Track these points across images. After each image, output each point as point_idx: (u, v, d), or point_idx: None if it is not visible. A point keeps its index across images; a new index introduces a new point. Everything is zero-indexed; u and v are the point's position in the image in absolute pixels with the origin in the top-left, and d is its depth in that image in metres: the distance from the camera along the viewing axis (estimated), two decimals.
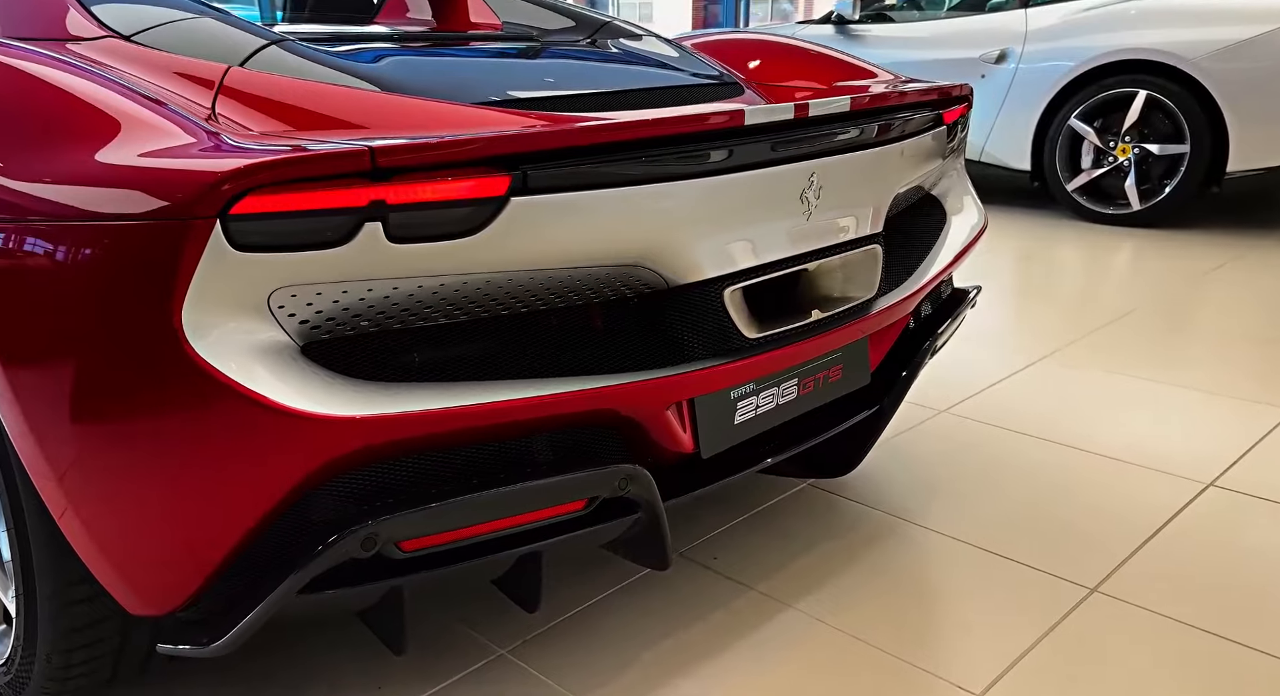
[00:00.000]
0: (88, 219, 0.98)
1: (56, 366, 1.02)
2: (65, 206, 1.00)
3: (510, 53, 1.77)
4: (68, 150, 1.04)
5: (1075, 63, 4.48)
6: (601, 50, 1.88)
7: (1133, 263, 3.97)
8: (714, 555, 1.79)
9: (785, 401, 1.50)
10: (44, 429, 1.05)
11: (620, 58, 1.83)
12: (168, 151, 1.00)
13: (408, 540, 1.11)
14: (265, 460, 1.02)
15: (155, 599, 1.13)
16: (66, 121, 1.08)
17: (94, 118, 1.07)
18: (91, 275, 0.98)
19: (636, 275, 1.26)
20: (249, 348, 0.99)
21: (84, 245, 0.98)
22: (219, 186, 0.92)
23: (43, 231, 1.01)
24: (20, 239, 1.02)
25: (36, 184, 1.03)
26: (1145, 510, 1.95)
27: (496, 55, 1.74)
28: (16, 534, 1.16)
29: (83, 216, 0.98)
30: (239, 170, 0.93)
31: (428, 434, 1.10)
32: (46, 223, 1.01)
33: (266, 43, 1.41)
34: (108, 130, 1.05)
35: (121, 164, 1.00)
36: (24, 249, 1.02)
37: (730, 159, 1.28)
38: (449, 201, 1.05)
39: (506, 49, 1.80)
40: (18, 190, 1.04)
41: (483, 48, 1.81)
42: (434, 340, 1.15)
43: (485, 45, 1.84)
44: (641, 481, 1.27)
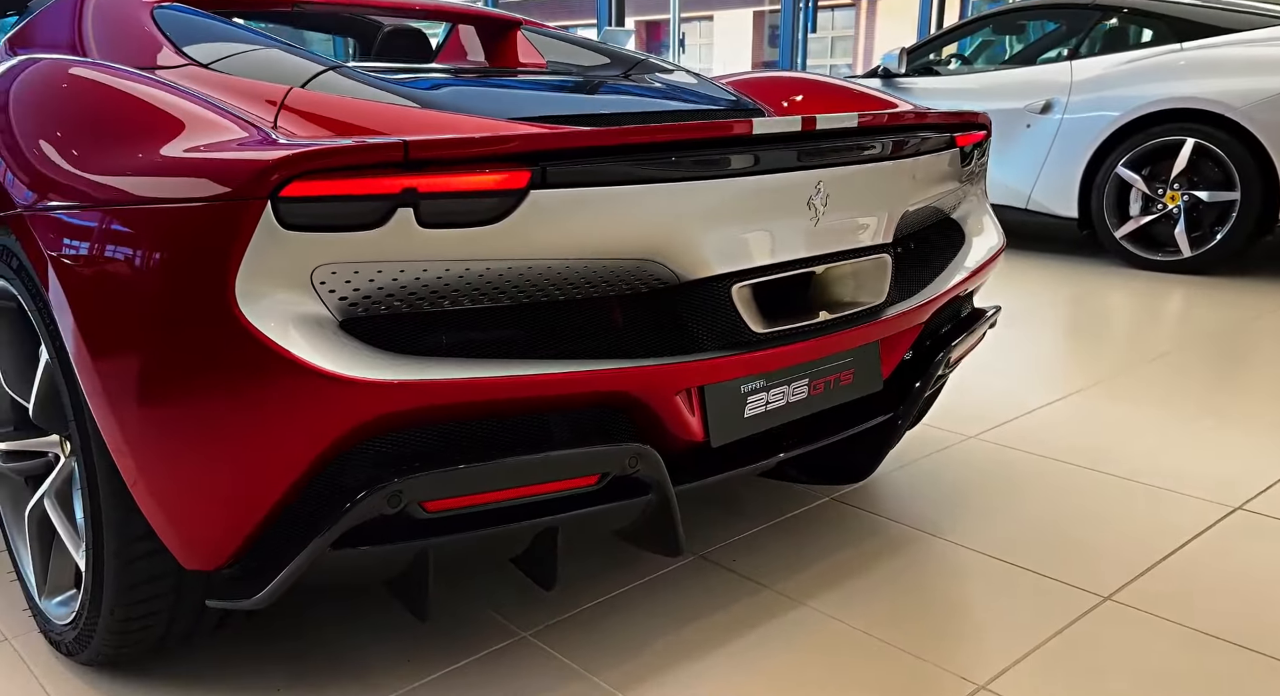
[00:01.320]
0: (158, 203, 1.13)
1: (127, 334, 1.16)
2: (140, 194, 1.15)
3: (546, 83, 1.92)
4: (147, 147, 1.20)
5: (1121, 112, 4.53)
6: (632, 82, 2.03)
7: (1180, 307, 3.94)
8: (734, 558, 1.85)
9: (796, 400, 1.57)
10: (115, 392, 1.18)
11: (648, 87, 1.97)
12: (228, 145, 1.15)
13: (431, 501, 1.21)
14: (302, 421, 1.14)
15: (206, 553, 1.24)
16: (146, 125, 1.24)
17: (169, 121, 1.24)
18: (160, 252, 1.13)
19: (649, 270, 1.36)
20: (293, 317, 1.12)
21: (155, 226, 1.13)
22: (270, 171, 1.06)
23: (122, 215, 1.16)
24: (103, 223, 1.18)
25: (118, 176, 1.18)
26: (1169, 529, 1.95)
27: (533, 85, 1.89)
28: (89, 493, 1.29)
29: (154, 201, 1.13)
30: (288, 158, 1.07)
31: (450, 402, 1.21)
32: (125, 207, 1.16)
33: (325, 68, 1.58)
34: (180, 131, 1.21)
35: (189, 156, 1.15)
36: (105, 232, 1.17)
37: (738, 165, 1.39)
38: (474, 192, 1.17)
39: (543, 80, 1.96)
40: (103, 181, 1.19)
41: (521, 79, 1.97)
42: (460, 322, 1.27)
43: (524, 77, 2.00)
44: (650, 460, 1.35)
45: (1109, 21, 5.06)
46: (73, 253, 1.19)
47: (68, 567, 1.50)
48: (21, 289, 1.33)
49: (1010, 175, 4.88)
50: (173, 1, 1.87)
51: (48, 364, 1.34)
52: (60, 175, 1.23)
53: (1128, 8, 5.01)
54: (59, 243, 1.20)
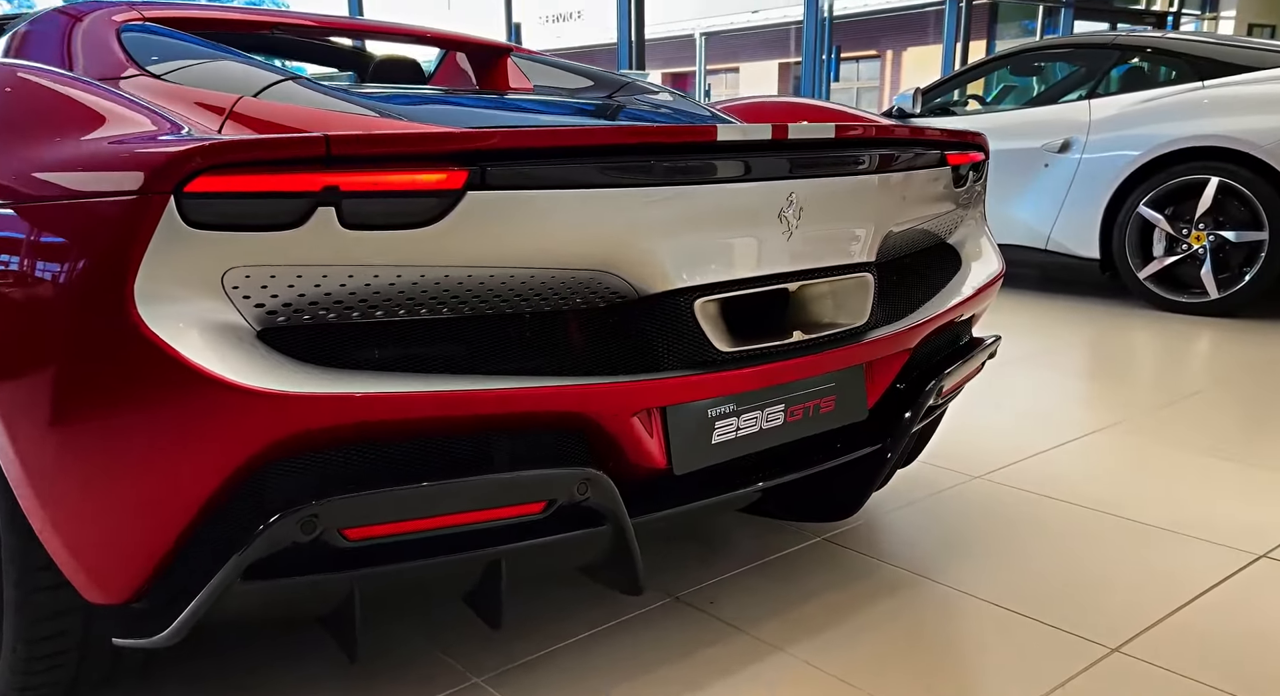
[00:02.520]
0: (57, 199, 1.06)
1: (20, 341, 1.08)
2: (38, 191, 1.08)
3: (518, 102, 1.86)
4: (54, 143, 1.13)
5: (1143, 150, 4.41)
6: (610, 101, 1.96)
7: (1206, 349, 3.78)
8: (711, 599, 1.72)
9: (770, 426, 1.46)
10: (6, 405, 1.10)
11: (624, 107, 1.90)
12: (138, 140, 1.08)
13: (352, 528, 1.11)
14: (209, 438, 1.05)
15: (110, 586, 1.14)
16: (59, 121, 1.18)
17: (87, 119, 1.18)
18: (58, 252, 1.05)
19: (604, 281, 1.27)
20: (201, 324, 1.03)
21: (53, 224, 1.06)
22: (174, 164, 0.99)
23: (19, 213, 1.09)
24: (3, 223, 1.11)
25: (17, 171, 1.12)
26: (1186, 577, 1.80)
27: (503, 103, 1.83)
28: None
29: (53, 197, 1.07)
30: (194, 150, 0.99)
31: (380, 419, 1.11)
32: (22, 204, 1.09)
33: (282, 78, 1.52)
34: (96, 128, 1.15)
35: (92, 151, 1.08)
36: (5, 231, 1.10)
37: (701, 173, 1.30)
38: (404, 191, 1.10)
39: (517, 99, 1.90)
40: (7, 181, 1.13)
41: (495, 99, 1.91)
42: (395, 335, 1.18)
43: (499, 97, 1.94)
44: (602, 488, 1.25)
45: (1128, 60, 4.98)
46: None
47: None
48: None
49: (1028, 215, 4.77)
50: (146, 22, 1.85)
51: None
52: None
53: (1148, 47, 4.93)
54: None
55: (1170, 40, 4.82)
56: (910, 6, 18.39)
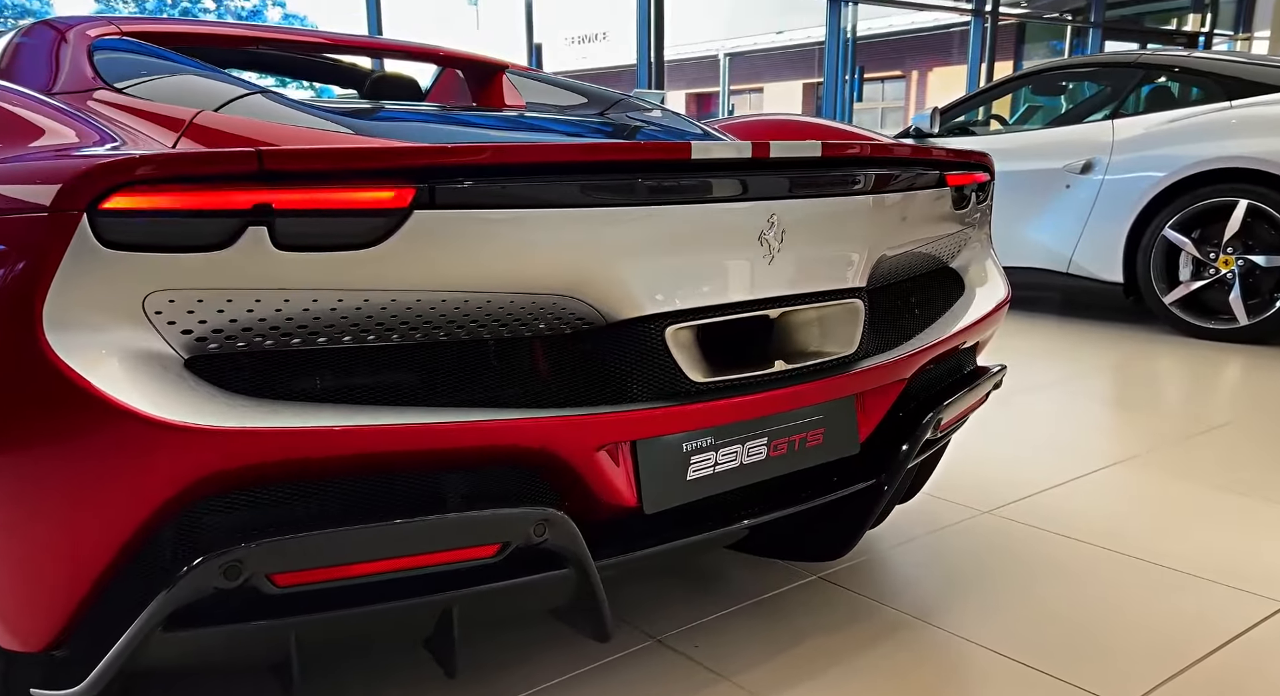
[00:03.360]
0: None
1: None
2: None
3: (503, 120, 1.79)
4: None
5: (1168, 172, 4.28)
6: (599, 119, 1.89)
7: (1235, 377, 3.63)
8: (696, 643, 1.62)
9: (751, 462, 1.37)
10: None
11: (612, 124, 1.83)
12: (60, 154, 1.02)
13: (280, 573, 1.03)
14: (126, 475, 0.98)
15: (24, 633, 1.07)
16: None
17: (21, 133, 1.11)
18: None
19: (567, 307, 1.19)
20: (118, 352, 0.96)
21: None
22: (87, 180, 0.92)
23: None
24: None
25: None
26: (1208, 625, 1.68)
27: (484, 121, 1.76)
28: None
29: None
30: (109, 165, 0.93)
31: (315, 456, 1.04)
32: None
33: (248, 92, 1.46)
34: (22, 142, 1.08)
35: (16, 165, 1.02)
36: None
37: (673, 193, 1.22)
38: (343, 210, 1.02)
39: (502, 118, 1.83)
40: None
41: (479, 115, 1.84)
42: (338, 364, 1.10)
43: (484, 115, 1.88)
44: (562, 529, 1.16)
45: (1153, 80, 4.85)
46: None
47: None
48: None
49: (1049, 237, 4.64)
50: (123, 37, 1.80)
51: None
52: None
53: (1174, 66, 4.81)
54: None
55: (1196, 59, 4.69)
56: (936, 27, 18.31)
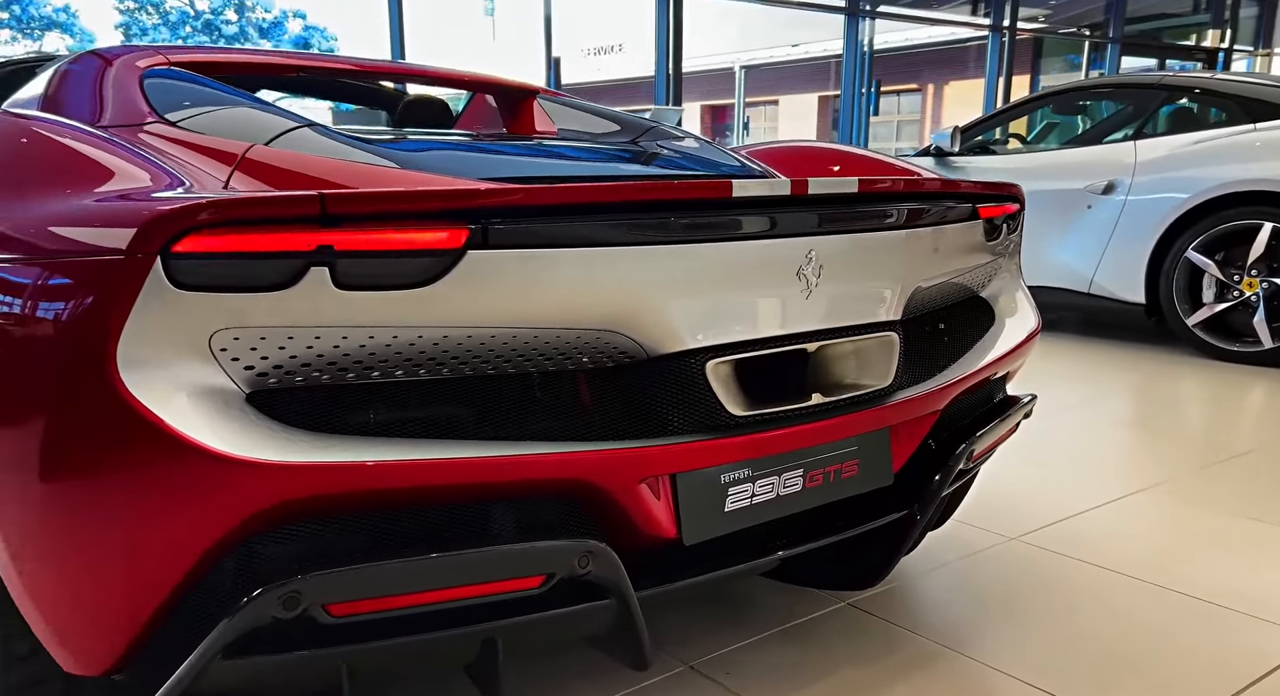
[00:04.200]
0: (44, 258, 1.03)
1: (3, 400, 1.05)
2: (28, 245, 1.06)
3: (540, 149, 1.82)
4: (46, 199, 1.11)
5: (1191, 193, 4.28)
6: (633, 147, 1.92)
7: (1261, 401, 3.62)
8: (727, 671, 1.64)
9: (788, 493, 1.39)
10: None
11: (648, 153, 1.86)
12: (130, 196, 1.05)
13: (336, 604, 1.06)
14: (190, 508, 1.01)
15: (88, 657, 1.10)
16: (56, 175, 1.16)
17: (79, 173, 1.15)
18: (42, 313, 1.02)
19: (611, 341, 1.22)
20: (187, 389, 0.99)
21: (39, 283, 1.03)
22: (161, 223, 0.95)
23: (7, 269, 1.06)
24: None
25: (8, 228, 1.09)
26: (1240, 659, 1.68)
27: (525, 150, 1.80)
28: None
29: (41, 256, 1.04)
30: (183, 209, 0.96)
31: (371, 489, 1.07)
32: (11, 262, 1.06)
33: (297, 125, 1.50)
34: (90, 184, 1.12)
35: (85, 208, 1.05)
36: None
37: (715, 230, 1.25)
38: (402, 251, 1.05)
39: (539, 146, 1.86)
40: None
41: (514, 144, 1.88)
42: (390, 397, 1.13)
43: (519, 143, 1.91)
44: (605, 561, 1.18)
45: (1175, 101, 4.86)
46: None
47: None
48: None
49: (1071, 258, 4.64)
50: (170, 66, 1.85)
51: None
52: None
53: (1196, 87, 4.81)
54: None
55: (1219, 81, 4.70)
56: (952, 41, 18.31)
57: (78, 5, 18.97)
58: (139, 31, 20.10)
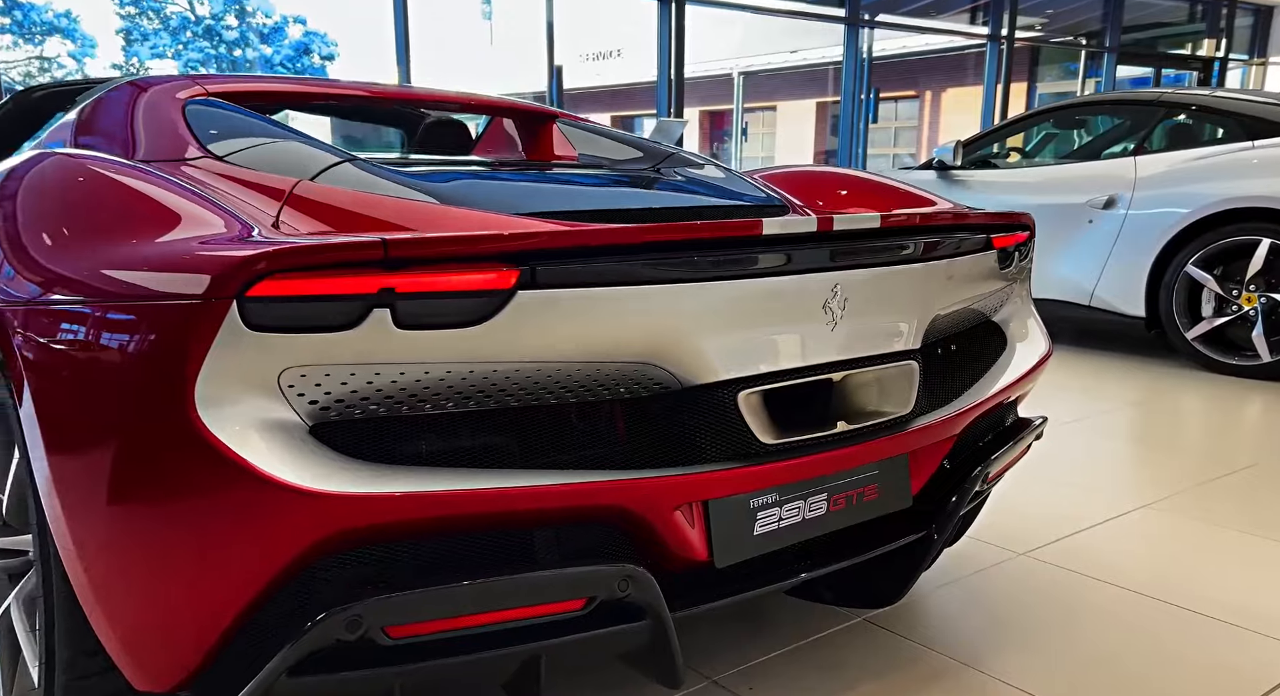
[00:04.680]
0: (125, 300, 1.09)
1: (85, 436, 1.11)
2: (108, 290, 1.11)
3: (569, 177, 1.89)
4: (121, 242, 1.17)
5: (1190, 209, 4.35)
6: (657, 176, 1.98)
7: (1261, 415, 3.69)
8: (750, 685, 1.70)
9: (813, 516, 1.45)
10: (69, 497, 1.13)
11: (672, 182, 1.92)
12: (204, 242, 1.11)
13: (395, 626, 1.12)
14: (260, 535, 1.07)
15: (157, 674, 1.16)
16: (128, 218, 1.22)
17: (153, 215, 1.21)
18: (123, 352, 1.08)
19: (648, 373, 1.28)
20: (257, 424, 1.05)
21: (120, 325, 1.09)
22: (238, 269, 1.01)
23: (89, 312, 1.12)
24: (71, 319, 1.14)
25: (90, 271, 1.15)
26: (1246, 675, 1.74)
27: (554, 179, 1.86)
28: (44, 602, 1.23)
29: (121, 298, 1.09)
30: (258, 256, 1.02)
31: (425, 517, 1.12)
32: (93, 304, 1.12)
33: (339, 160, 1.56)
34: (160, 227, 1.18)
35: (159, 253, 1.11)
36: (71, 328, 1.13)
37: (746, 266, 1.31)
38: (457, 292, 1.11)
39: (567, 174, 1.92)
40: (74, 276, 1.17)
41: (542, 173, 1.94)
42: (441, 428, 1.19)
43: (545, 172, 1.97)
44: (644, 584, 1.24)
45: (1174, 117, 4.94)
46: (39, 346, 1.16)
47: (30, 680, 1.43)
48: (1, 380, 1.30)
49: (1072, 271, 4.72)
50: (208, 96, 1.91)
51: (19, 462, 1.30)
52: (36, 267, 1.21)
53: (1195, 104, 4.89)
54: (28, 336, 1.17)
55: (1218, 99, 4.77)
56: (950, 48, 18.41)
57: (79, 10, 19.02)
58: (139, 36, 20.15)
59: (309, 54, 21.70)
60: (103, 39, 19.73)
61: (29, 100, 2.35)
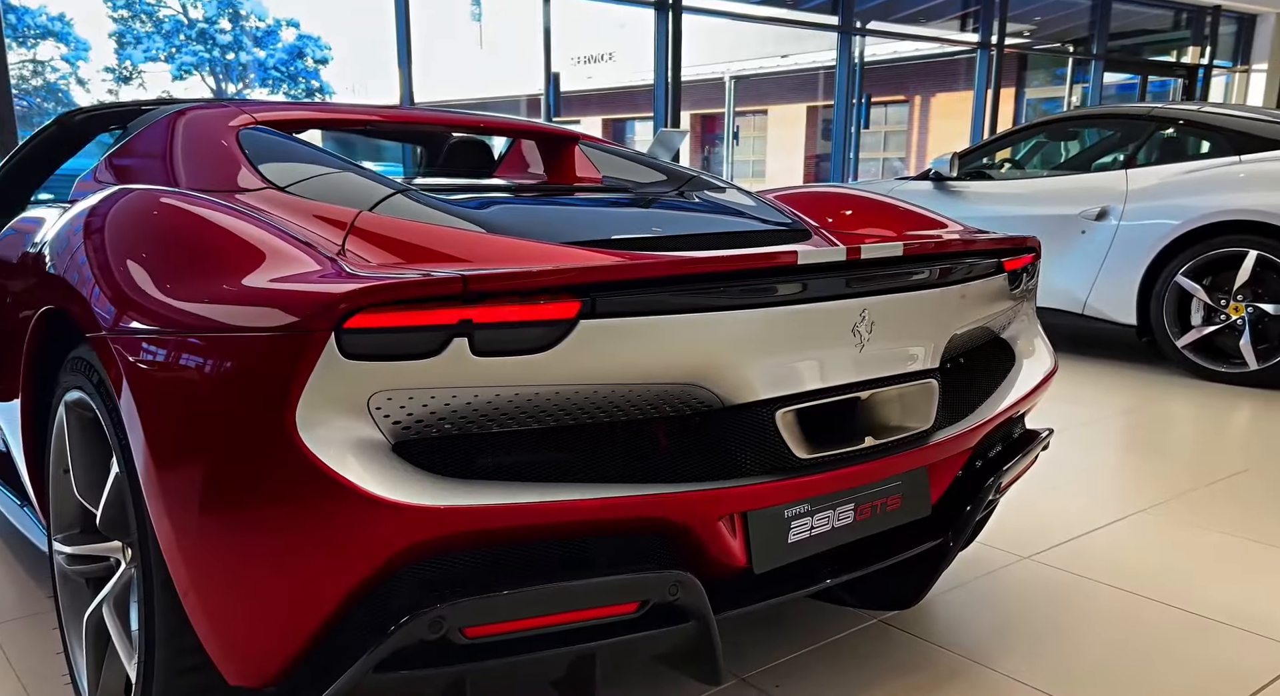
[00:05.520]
0: (229, 330, 1.19)
1: (191, 453, 1.21)
2: (213, 321, 1.21)
3: (600, 202, 1.99)
4: (221, 277, 1.27)
5: (1180, 221, 4.49)
6: (684, 200, 2.09)
7: (1248, 423, 3.83)
8: (777, 683, 1.80)
9: (841, 525, 1.56)
10: (175, 508, 1.23)
11: (699, 207, 2.03)
12: (297, 277, 1.21)
13: (472, 627, 1.22)
14: (352, 543, 1.17)
15: (253, 670, 1.26)
16: (222, 254, 1.32)
17: (242, 251, 1.31)
18: (227, 378, 1.18)
19: (693, 394, 1.38)
20: (349, 443, 1.16)
21: (225, 352, 1.19)
22: (336, 304, 1.11)
23: (195, 341, 1.22)
24: (176, 347, 1.24)
25: (194, 303, 1.25)
26: (1239, 672, 1.86)
27: (588, 204, 1.96)
28: (145, 603, 1.33)
29: (226, 329, 1.19)
30: (353, 292, 1.12)
31: (496, 527, 1.23)
32: (198, 333, 1.22)
33: (393, 192, 1.66)
34: (252, 261, 1.28)
35: (259, 287, 1.21)
36: (178, 355, 1.23)
37: (782, 294, 1.42)
38: (527, 322, 1.22)
39: (598, 199, 2.03)
40: (179, 307, 1.26)
41: (577, 198, 2.04)
42: (508, 445, 1.29)
43: (580, 197, 2.08)
44: (691, 589, 1.35)
45: (1164, 131, 5.08)
46: (146, 373, 1.25)
47: (119, 675, 1.53)
48: (100, 402, 1.39)
49: (1066, 280, 4.85)
50: (255, 125, 2.00)
51: (117, 475, 1.40)
52: (141, 299, 1.30)
53: (1185, 119, 5.03)
54: (134, 362, 1.27)
55: (1206, 114, 4.91)
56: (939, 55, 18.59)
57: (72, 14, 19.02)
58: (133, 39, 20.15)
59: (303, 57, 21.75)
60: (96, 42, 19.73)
61: (72, 122, 2.44)
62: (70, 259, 1.46)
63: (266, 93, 21.54)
